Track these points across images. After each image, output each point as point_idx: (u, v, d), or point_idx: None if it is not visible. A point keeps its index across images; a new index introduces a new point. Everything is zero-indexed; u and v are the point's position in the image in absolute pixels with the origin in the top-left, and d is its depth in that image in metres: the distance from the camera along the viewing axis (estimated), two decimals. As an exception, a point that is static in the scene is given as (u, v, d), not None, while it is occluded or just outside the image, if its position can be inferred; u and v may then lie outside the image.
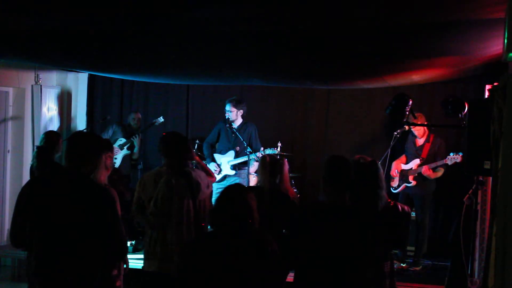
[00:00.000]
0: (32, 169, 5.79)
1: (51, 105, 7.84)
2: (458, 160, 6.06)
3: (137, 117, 7.67)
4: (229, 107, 6.75)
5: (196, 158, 4.70)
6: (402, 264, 6.39)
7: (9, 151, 7.51)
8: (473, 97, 6.59)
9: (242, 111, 6.84)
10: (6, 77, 7.28)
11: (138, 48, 5.26)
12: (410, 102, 4.71)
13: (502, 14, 3.22)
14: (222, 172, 6.80)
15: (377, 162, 3.85)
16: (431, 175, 6.34)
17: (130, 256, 4.51)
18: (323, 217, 3.36)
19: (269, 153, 6.65)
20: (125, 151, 7.31)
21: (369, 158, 3.89)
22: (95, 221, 3.08)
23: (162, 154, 4.27)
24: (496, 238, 2.94)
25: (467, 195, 4.69)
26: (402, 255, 6.46)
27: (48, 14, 4.13)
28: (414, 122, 5.71)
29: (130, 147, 7.35)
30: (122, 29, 4.56)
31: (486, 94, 5.28)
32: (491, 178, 3.55)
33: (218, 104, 7.63)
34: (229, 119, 6.73)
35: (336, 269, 3.29)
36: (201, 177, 4.15)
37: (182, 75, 6.94)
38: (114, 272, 3.80)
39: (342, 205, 3.35)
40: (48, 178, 3.40)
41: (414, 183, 6.42)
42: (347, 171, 3.40)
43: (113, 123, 7.76)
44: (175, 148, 4.19)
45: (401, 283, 5.33)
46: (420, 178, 6.39)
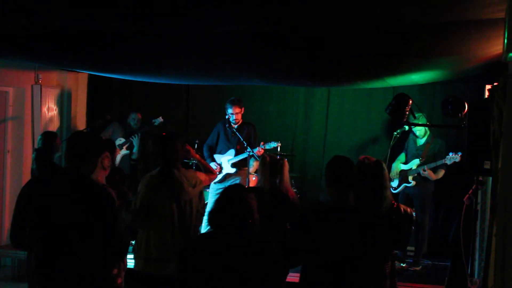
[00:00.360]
0: (33, 171, 5.80)
1: (51, 105, 7.84)
2: (457, 159, 6.07)
3: (137, 117, 7.67)
4: (236, 109, 6.70)
5: (196, 157, 4.68)
6: (402, 264, 6.40)
7: (9, 151, 7.51)
8: (473, 97, 6.59)
9: (243, 110, 6.86)
10: (6, 77, 7.28)
11: (138, 48, 5.26)
12: (410, 102, 4.71)
13: (502, 14, 3.22)
14: (223, 171, 6.80)
15: (382, 162, 3.85)
16: (432, 176, 6.34)
17: (129, 256, 4.51)
18: (326, 217, 3.36)
19: (271, 145, 6.69)
20: (124, 151, 7.31)
21: (373, 159, 3.89)
22: (95, 221, 3.08)
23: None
24: (496, 238, 2.94)
25: (467, 195, 4.70)
26: (402, 255, 6.46)
27: (48, 14, 4.13)
28: (414, 122, 5.71)
29: (130, 147, 7.35)
30: (122, 29, 4.56)
31: (486, 94, 5.28)
32: (491, 178, 3.55)
33: (218, 104, 7.63)
34: (229, 119, 6.73)
35: (337, 269, 3.29)
36: (187, 176, 4.07)
37: (182, 75, 6.93)
38: (114, 271, 3.79)
39: (345, 205, 3.35)
40: (48, 178, 3.39)
41: (413, 183, 6.42)
42: (350, 172, 3.39)
43: (113, 123, 7.77)
44: (158, 148, 4.17)
45: (401, 283, 5.33)
46: (419, 178, 6.39)
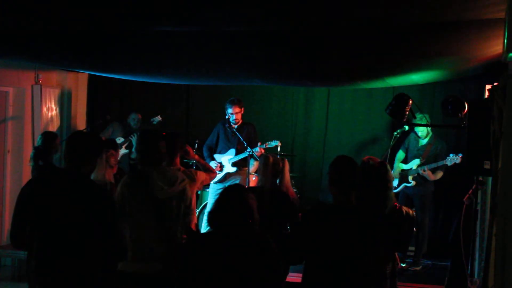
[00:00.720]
0: (32, 170, 5.80)
1: (51, 105, 7.83)
2: (458, 161, 6.07)
3: (137, 117, 7.68)
4: (236, 109, 6.71)
5: (195, 157, 4.67)
6: (402, 264, 6.40)
7: (9, 151, 7.51)
8: (473, 97, 6.59)
9: (243, 110, 6.87)
10: (6, 77, 7.28)
11: (138, 48, 5.26)
12: (410, 102, 4.71)
13: (502, 14, 3.22)
14: (224, 170, 6.80)
15: (386, 163, 3.85)
16: (431, 177, 6.35)
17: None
18: (327, 217, 3.36)
19: (272, 145, 6.70)
20: (123, 151, 7.31)
21: (377, 159, 3.89)
22: (95, 221, 3.08)
23: None
24: (496, 238, 2.94)
25: (467, 195, 4.70)
26: (402, 255, 6.46)
27: (48, 14, 4.13)
28: (414, 122, 5.72)
29: (129, 146, 7.35)
30: (122, 29, 4.56)
31: (486, 94, 5.28)
32: (491, 178, 3.55)
33: (218, 104, 7.63)
34: (229, 119, 6.73)
35: (337, 269, 3.29)
36: (166, 175, 3.98)
37: (182, 75, 6.93)
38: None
39: (347, 205, 3.35)
40: (48, 178, 3.39)
41: (413, 183, 6.43)
42: (353, 172, 3.40)
43: (112, 123, 7.78)
44: (138, 145, 4.12)
45: (401, 283, 5.33)
46: (419, 178, 6.39)
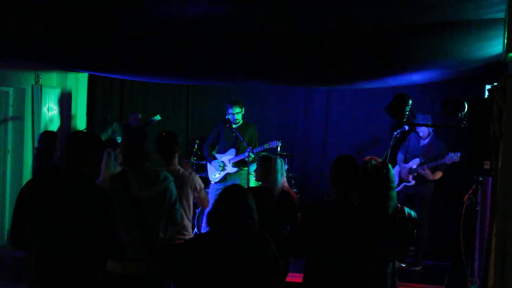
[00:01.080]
0: (33, 170, 5.81)
1: (51, 105, 7.83)
2: (457, 159, 6.08)
3: (137, 117, 7.68)
4: (236, 109, 6.72)
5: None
6: (402, 264, 6.39)
7: (9, 151, 7.51)
8: (473, 97, 6.59)
9: (243, 110, 6.87)
10: (6, 77, 7.28)
11: (138, 48, 5.26)
12: (410, 102, 4.71)
13: (502, 14, 3.22)
14: (224, 170, 6.80)
15: (388, 163, 3.86)
16: (430, 176, 6.35)
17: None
18: (328, 216, 3.37)
19: (273, 145, 6.71)
20: (123, 150, 7.31)
21: (379, 159, 3.90)
22: (95, 221, 3.08)
23: None
24: (496, 238, 2.94)
25: (467, 195, 4.69)
26: (402, 255, 6.46)
27: (48, 14, 4.13)
28: (414, 122, 5.71)
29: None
30: (122, 29, 4.56)
31: (486, 94, 5.28)
32: (491, 178, 3.55)
33: (218, 104, 7.63)
34: (229, 119, 6.73)
35: (338, 268, 3.30)
36: (145, 175, 3.95)
37: (182, 75, 6.94)
38: None
39: (348, 205, 3.36)
40: (48, 178, 3.39)
41: (413, 183, 6.43)
42: (354, 172, 3.41)
43: (113, 123, 7.78)
44: (123, 144, 4.10)
45: (401, 283, 5.32)
46: (420, 177, 6.39)
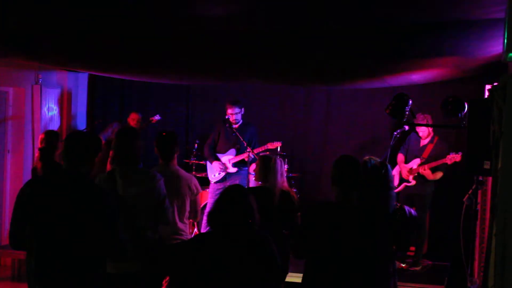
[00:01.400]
0: (34, 171, 5.80)
1: (51, 105, 7.84)
2: (457, 159, 6.08)
3: (137, 117, 7.68)
4: (236, 109, 6.72)
5: None
6: (402, 264, 6.39)
7: (9, 151, 7.51)
8: (473, 97, 6.58)
9: (244, 110, 6.87)
10: (6, 77, 7.28)
11: (138, 48, 5.26)
12: (410, 102, 4.70)
13: (502, 14, 3.22)
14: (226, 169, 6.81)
15: (387, 163, 3.86)
16: (430, 176, 6.35)
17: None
18: (328, 216, 3.37)
19: (273, 145, 6.74)
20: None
21: (378, 159, 3.90)
22: (95, 221, 3.08)
23: None
24: (496, 238, 2.94)
25: (467, 195, 4.69)
26: (402, 255, 6.46)
27: (48, 14, 4.13)
28: (414, 122, 5.70)
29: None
30: (122, 29, 4.56)
31: (486, 94, 5.28)
32: (491, 178, 3.55)
33: (218, 104, 7.63)
34: (229, 119, 6.73)
35: (338, 268, 3.30)
36: (130, 174, 3.93)
37: (182, 75, 6.94)
38: None
39: (348, 204, 3.36)
40: (48, 178, 3.39)
41: (413, 183, 6.43)
42: (355, 172, 3.42)
43: (113, 123, 7.78)
44: (115, 143, 4.08)
45: (401, 283, 5.32)
46: (420, 177, 6.39)
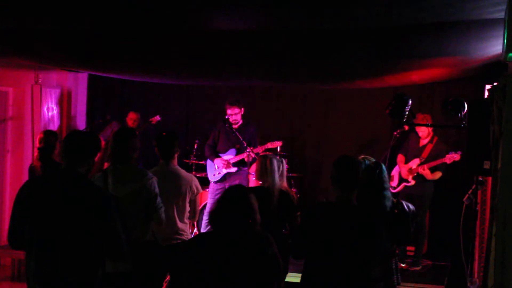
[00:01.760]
0: (31, 170, 5.80)
1: (51, 105, 7.84)
2: (456, 158, 6.08)
3: (135, 117, 7.68)
4: (236, 109, 6.71)
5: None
6: (402, 264, 6.39)
7: (9, 151, 7.51)
8: (473, 97, 6.59)
9: (243, 110, 6.86)
10: (6, 77, 7.28)
11: (138, 48, 5.26)
12: (410, 102, 4.71)
13: (502, 14, 3.22)
14: (224, 170, 6.80)
15: (381, 163, 3.87)
16: (429, 176, 6.35)
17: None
18: (327, 216, 3.38)
19: (274, 145, 6.74)
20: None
21: (372, 159, 3.91)
22: (94, 221, 3.07)
23: None
24: (496, 238, 2.94)
25: (467, 195, 4.70)
26: (402, 255, 6.46)
27: (48, 14, 4.13)
28: (414, 122, 5.71)
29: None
30: (122, 29, 4.56)
31: (486, 94, 5.28)
32: (491, 178, 3.55)
33: (218, 104, 7.62)
34: (228, 119, 6.73)
35: (337, 268, 3.30)
36: (121, 173, 3.94)
37: (182, 75, 6.94)
38: None
39: (348, 204, 3.37)
40: (47, 177, 3.39)
41: (413, 183, 6.43)
42: (354, 172, 3.43)
43: (112, 122, 7.78)
44: (112, 142, 4.06)
45: (401, 283, 5.33)
46: (419, 177, 6.39)
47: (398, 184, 6.54)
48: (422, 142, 6.52)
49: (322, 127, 7.85)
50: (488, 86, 5.19)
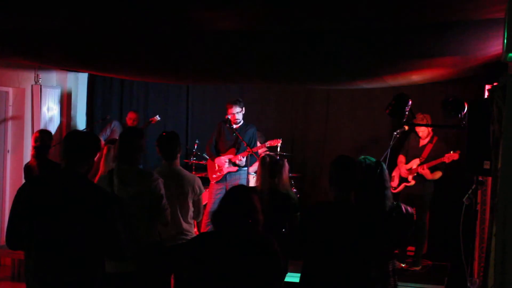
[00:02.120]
0: (28, 168, 5.80)
1: (51, 105, 7.84)
2: (455, 157, 6.09)
3: (134, 116, 7.68)
4: (236, 109, 6.72)
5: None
6: (402, 264, 6.39)
7: (9, 151, 7.51)
8: (473, 97, 6.59)
9: (244, 110, 6.87)
10: (6, 77, 7.29)
11: (138, 48, 5.26)
12: (410, 102, 4.71)
13: (502, 14, 3.22)
14: (224, 170, 6.81)
15: (382, 162, 3.86)
16: (428, 176, 6.35)
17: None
18: (327, 216, 3.38)
19: (274, 144, 6.74)
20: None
21: (373, 159, 3.90)
22: (94, 221, 3.07)
23: None
24: (496, 238, 2.94)
25: (467, 195, 4.70)
26: (402, 255, 6.46)
27: (48, 13, 4.13)
28: (414, 122, 5.71)
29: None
30: (122, 29, 4.56)
31: (486, 94, 5.28)
32: (491, 178, 3.55)
33: (218, 104, 7.63)
34: (229, 119, 6.73)
35: (341, 267, 3.30)
36: (128, 174, 3.95)
37: (182, 75, 6.93)
38: None
39: (346, 204, 3.37)
40: (46, 178, 3.39)
41: (413, 183, 6.43)
42: (352, 172, 3.43)
43: (111, 122, 7.79)
44: (119, 143, 4.09)
45: (401, 283, 5.32)
46: (419, 177, 6.39)
47: (399, 184, 6.54)
48: (422, 142, 6.53)
49: (322, 127, 7.85)
50: (488, 86, 5.19)
